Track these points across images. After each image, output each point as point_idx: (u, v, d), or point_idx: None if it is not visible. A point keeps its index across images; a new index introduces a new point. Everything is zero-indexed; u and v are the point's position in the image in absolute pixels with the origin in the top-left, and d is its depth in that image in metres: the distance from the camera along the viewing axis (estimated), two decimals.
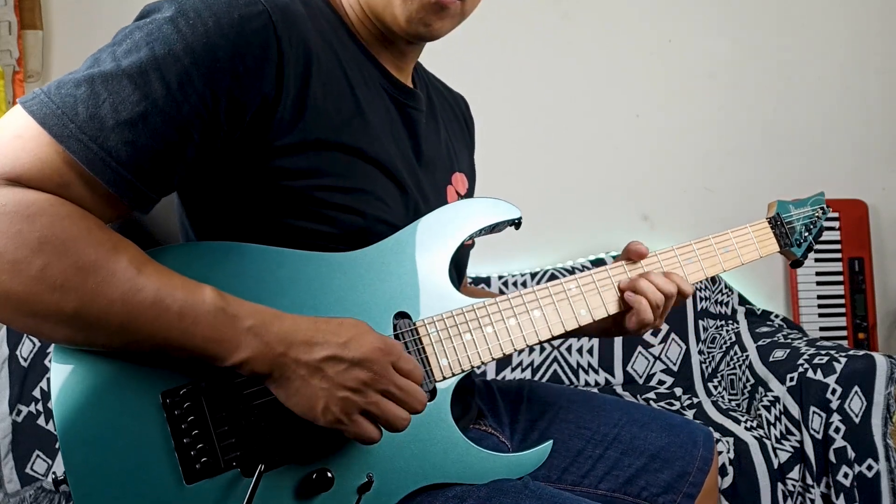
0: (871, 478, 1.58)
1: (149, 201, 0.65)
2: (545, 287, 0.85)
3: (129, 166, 0.61)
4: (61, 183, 0.60)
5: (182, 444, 0.64)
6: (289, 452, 0.67)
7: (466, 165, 0.99)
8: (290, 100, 0.68)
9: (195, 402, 0.65)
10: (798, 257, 1.08)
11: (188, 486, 0.64)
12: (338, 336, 0.64)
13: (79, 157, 0.59)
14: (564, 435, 0.96)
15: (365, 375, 0.64)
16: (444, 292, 0.79)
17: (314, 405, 0.63)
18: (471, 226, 0.82)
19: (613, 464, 0.95)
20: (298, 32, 0.69)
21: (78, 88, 0.60)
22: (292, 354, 0.63)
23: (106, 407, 0.63)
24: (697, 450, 0.97)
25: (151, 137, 0.61)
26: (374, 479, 0.70)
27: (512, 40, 2.31)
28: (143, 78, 0.61)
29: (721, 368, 2.08)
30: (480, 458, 0.77)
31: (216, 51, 0.63)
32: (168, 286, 0.61)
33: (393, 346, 0.66)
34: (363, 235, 0.75)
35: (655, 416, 1.00)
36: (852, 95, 2.40)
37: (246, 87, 0.65)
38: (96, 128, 0.59)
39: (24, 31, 2.05)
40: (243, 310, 0.63)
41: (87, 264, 0.58)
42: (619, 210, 2.37)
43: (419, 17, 0.77)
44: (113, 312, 0.59)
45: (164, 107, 0.61)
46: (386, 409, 0.65)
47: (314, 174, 0.71)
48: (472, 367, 0.78)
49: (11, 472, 1.52)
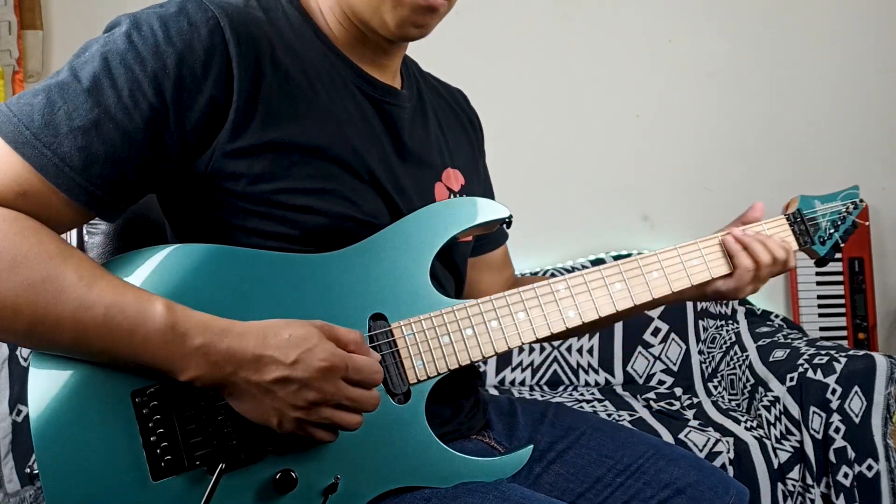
0: (871, 478, 1.59)
1: (107, 206, 0.67)
2: (531, 288, 0.82)
3: (83, 171, 0.63)
4: (20, 192, 0.62)
5: (149, 442, 0.65)
6: (253, 453, 0.68)
7: (464, 161, 0.97)
8: (241, 102, 0.69)
9: (163, 402, 0.66)
10: (822, 256, 1.01)
11: (154, 482, 0.65)
12: (286, 355, 0.63)
13: (33, 163, 0.62)
14: (584, 461, 0.92)
15: (314, 396, 0.64)
16: (423, 294, 0.78)
17: (268, 420, 0.65)
18: (454, 226, 0.80)
19: (634, 494, 0.89)
20: (250, 35, 0.70)
21: (36, 97, 0.63)
22: (242, 374, 0.63)
23: (78, 406, 0.65)
24: (729, 497, 0.91)
25: (104, 143, 0.64)
26: (342, 480, 0.70)
27: (512, 40, 2.31)
28: (96, 86, 0.64)
29: (721, 368, 2.08)
30: (453, 462, 0.76)
31: (164, 59, 0.66)
32: (118, 303, 0.61)
33: (342, 359, 0.65)
34: (329, 235, 0.75)
35: (685, 454, 0.94)
36: (852, 95, 2.40)
37: (193, 93, 0.67)
38: (51, 134, 0.62)
39: (24, 31, 2.05)
40: (193, 326, 0.63)
41: (38, 281, 0.59)
42: (619, 210, 2.37)
43: (411, 20, 0.77)
44: (65, 329, 0.60)
45: (116, 114, 0.64)
46: (338, 419, 0.66)
47: (269, 177, 0.71)
48: (448, 369, 0.77)
49: (11, 472, 1.52)
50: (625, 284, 0.87)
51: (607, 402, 1.90)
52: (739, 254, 0.92)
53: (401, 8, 0.76)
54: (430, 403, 0.77)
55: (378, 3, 0.76)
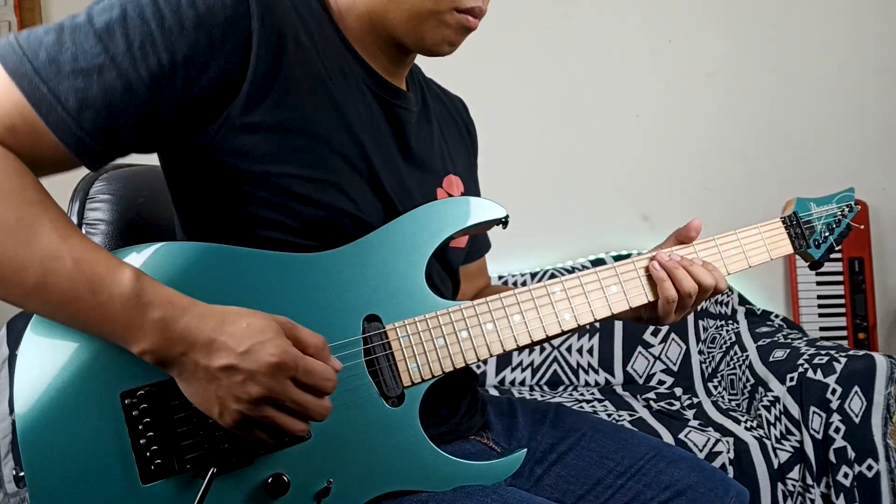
0: (871, 478, 1.58)
1: (93, 153, 0.65)
2: (527, 290, 0.81)
3: (75, 113, 0.62)
4: (9, 125, 0.61)
5: (139, 445, 0.64)
6: (244, 456, 0.67)
7: (463, 168, 0.97)
8: (257, 77, 0.68)
9: (153, 403, 0.64)
10: (816, 259, 1.00)
11: (143, 486, 0.64)
12: (239, 343, 0.61)
13: (27, 96, 0.61)
14: (585, 462, 0.92)
15: (257, 391, 0.61)
16: (418, 295, 0.76)
17: (210, 408, 0.63)
18: (450, 226, 0.79)
19: (635, 495, 0.89)
20: (275, 16, 0.70)
21: (47, 35, 0.63)
22: (192, 356, 0.61)
23: (65, 407, 0.63)
24: (729, 498, 0.91)
25: (103, 89, 0.62)
26: (334, 484, 0.69)
27: (512, 40, 2.31)
28: (108, 33, 0.63)
29: (721, 368, 2.08)
30: (447, 465, 0.75)
31: (183, 20, 0.64)
32: (89, 259, 0.61)
33: (292, 358, 0.62)
34: (326, 229, 0.74)
35: (686, 455, 0.95)
36: (852, 95, 2.40)
37: (205, 59, 0.66)
38: (53, 72, 0.61)
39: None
40: (157, 298, 0.61)
41: (13, 221, 0.59)
42: (619, 210, 2.37)
43: (448, 39, 0.78)
44: (30, 272, 0.59)
45: (122, 63, 0.63)
46: (280, 421, 0.63)
47: (274, 158, 0.70)
48: (443, 372, 0.76)
49: (11, 472, 1.52)
50: (621, 287, 0.86)
51: (607, 403, 1.90)
52: (663, 283, 0.85)
53: (444, 27, 0.77)
54: (427, 403, 0.76)
55: (419, 21, 0.76)
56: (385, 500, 0.73)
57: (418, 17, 0.76)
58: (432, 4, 0.75)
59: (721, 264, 0.92)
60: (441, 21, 0.76)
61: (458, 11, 0.76)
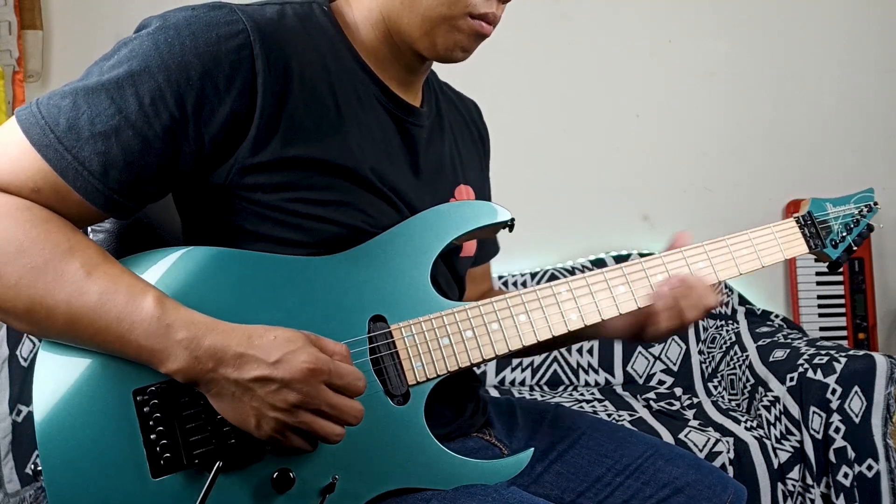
0: (871, 478, 1.59)
1: (122, 208, 0.68)
2: (532, 290, 0.81)
3: (101, 176, 0.65)
4: (34, 188, 0.65)
5: (149, 440, 0.66)
6: (251, 452, 0.68)
7: (475, 176, 0.97)
8: (263, 118, 0.70)
9: (164, 400, 0.67)
10: (834, 259, 0.99)
11: (153, 479, 0.66)
12: (269, 355, 0.63)
13: (54, 166, 0.64)
14: (584, 460, 0.93)
15: (294, 397, 0.63)
16: (423, 296, 0.77)
17: (246, 421, 0.65)
18: (455, 229, 0.80)
19: (633, 493, 0.90)
20: (279, 50, 0.71)
21: (63, 100, 0.65)
22: (222, 371, 0.63)
23: (80, 404, 0.66)
24: (727, 495, 0.92)
25: (123, 150, 0.65)
26: (339, 480, 0.70)
27: (511, 41, 2.31)
28: (119, 92, 0.65)
29: (721, 368, 2.08)
30: (452, 464, 0.75)
31: (189, 69, 0.66)
32: (112, 291, 0.63)
33: (325, 363, 0.64)
34: (342, 243, 0.75)
35: (684, 454, 0.96)
36: (852, 95, 2.41)
37: (214, 106, 0.68)
38: (73, 138, 0.64)
39: (24, 31, 2.04)
40: (179, 320, 0.64)
41: (40, 265, 0.62)
42: (619, 210, 2.37)
43: (462, 45, 0.78)
44: (59, 312, 0.62)
45: (136, 122, 0.65)
46: (318, 426, 0.65)
47: (288, 187, 0.72)
48: (448, 371, 0.76)
49: (11, 472, 1.52)
50: (628, 287, 0.85)
51: (607, 402, 1.90)
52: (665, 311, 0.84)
53: (456, 33, 0.77)
54: (433, 404, 0.77)
55: (432, 27, 0.77)
56: (389, 498, 0.73)
57: (431, 23, 0.76)
58: (445, 9, 0.75)
59: (732, 264, 0.91)
60: (454, 26, 0.76)
61: (472, 17, 0.76)
